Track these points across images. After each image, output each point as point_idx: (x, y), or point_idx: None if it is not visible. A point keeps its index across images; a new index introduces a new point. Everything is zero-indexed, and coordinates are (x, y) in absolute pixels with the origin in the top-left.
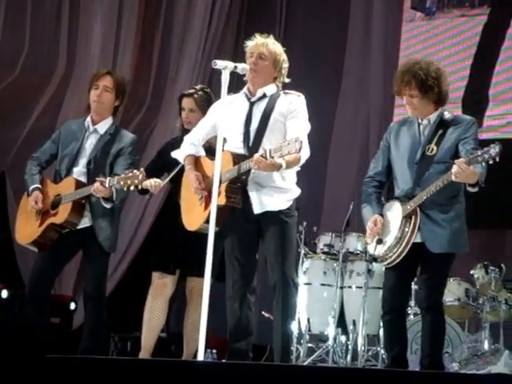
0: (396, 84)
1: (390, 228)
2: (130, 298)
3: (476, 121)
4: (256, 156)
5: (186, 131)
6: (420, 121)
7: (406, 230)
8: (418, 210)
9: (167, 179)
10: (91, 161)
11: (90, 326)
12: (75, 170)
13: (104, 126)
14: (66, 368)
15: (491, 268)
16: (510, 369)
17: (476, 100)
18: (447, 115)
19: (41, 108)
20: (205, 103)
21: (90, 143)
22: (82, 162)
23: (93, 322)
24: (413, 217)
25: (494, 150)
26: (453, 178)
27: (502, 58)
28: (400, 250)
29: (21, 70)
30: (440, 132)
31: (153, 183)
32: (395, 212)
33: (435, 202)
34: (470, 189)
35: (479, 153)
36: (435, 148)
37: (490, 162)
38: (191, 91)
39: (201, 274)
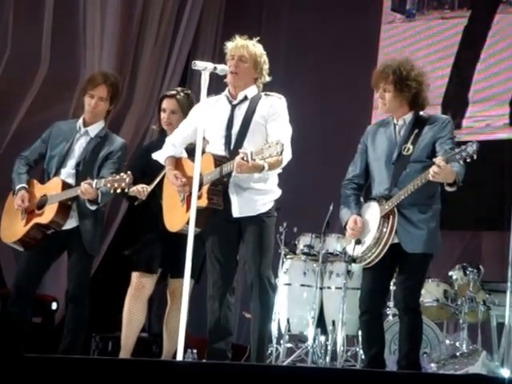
0: (374, 76)
1: (368, 228)
2: (112, 298)
3: (451, 119)
4: (237, 159)
5: (163, 133)
6: (396, 121)
7: (384, 230)
8: (396, 210)
9: (154, 183)
10: (80, 163)
11: (71, 325)
12: (63, 171)
13: (95, 129)
14: (44, 367)
15: (469, 269)
16: (487, 369)
17: (456, 103)
18: (422, 115)
19: (25, 109)
20: (186, 105)
21: (79, 145)
22: (71, 163)
23: (73, 322)
24: (390, 217)
25: (472, 147)
26: (430, 177)
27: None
28: (378, 250)
29: (4, 70)
30: (416, 131)
31: (140, 189)
32: (373, 212)
33: (413, 202)
34: (447, 188)
35: (457, 151)
36: (411, 147)
37: (468, 160)
38: (173, 92)
39: (183, 276)
